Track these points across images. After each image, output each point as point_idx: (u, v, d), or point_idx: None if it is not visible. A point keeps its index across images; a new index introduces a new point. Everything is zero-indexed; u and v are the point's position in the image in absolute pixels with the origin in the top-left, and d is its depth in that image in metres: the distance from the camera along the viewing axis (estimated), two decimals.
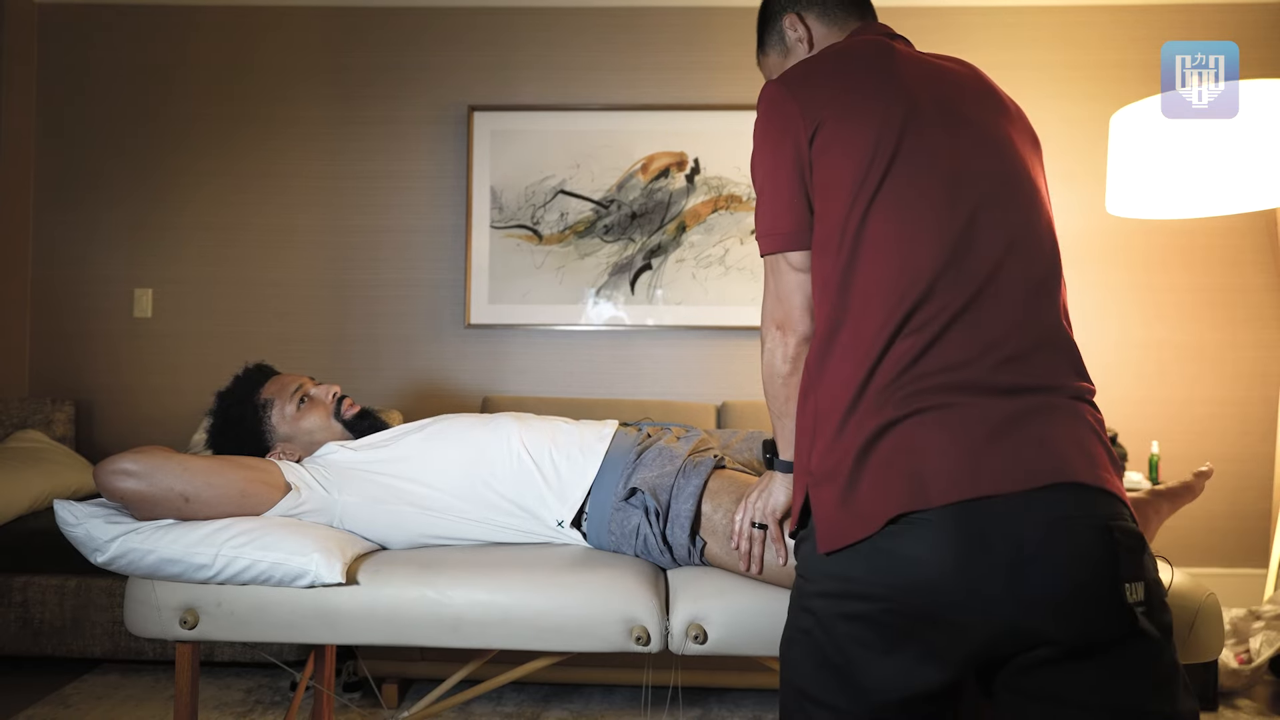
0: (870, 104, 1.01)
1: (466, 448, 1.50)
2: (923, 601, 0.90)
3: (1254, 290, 2.95)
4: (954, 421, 0.92)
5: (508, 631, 1.31)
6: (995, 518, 0.88)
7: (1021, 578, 0.87)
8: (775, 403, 1.13)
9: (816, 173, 1.02)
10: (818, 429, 0.99)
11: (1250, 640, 2.31)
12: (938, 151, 1.00)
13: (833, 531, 0.95)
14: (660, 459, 1.46)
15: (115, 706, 2.22)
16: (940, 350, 0.94)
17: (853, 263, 0.98)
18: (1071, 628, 0.88)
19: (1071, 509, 0.89)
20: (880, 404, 0.94)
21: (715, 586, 1.33)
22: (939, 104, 1.03)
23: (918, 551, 0.89)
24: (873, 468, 0.93)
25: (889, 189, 0.98)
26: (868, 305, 0.97)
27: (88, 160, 3.10)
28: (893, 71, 1.04)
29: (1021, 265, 0.99)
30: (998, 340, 0.95)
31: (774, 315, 1.09)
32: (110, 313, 3.10)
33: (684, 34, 3.04)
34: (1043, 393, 0.95)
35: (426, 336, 3.06)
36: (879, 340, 0.95)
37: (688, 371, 3.02)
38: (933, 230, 0.97)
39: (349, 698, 2.29)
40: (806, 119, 1.02)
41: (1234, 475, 2.89)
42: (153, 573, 1.32)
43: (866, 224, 0.98)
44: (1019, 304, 0.98)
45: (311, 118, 3.08)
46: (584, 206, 3.02)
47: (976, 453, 0.90)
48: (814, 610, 0.97)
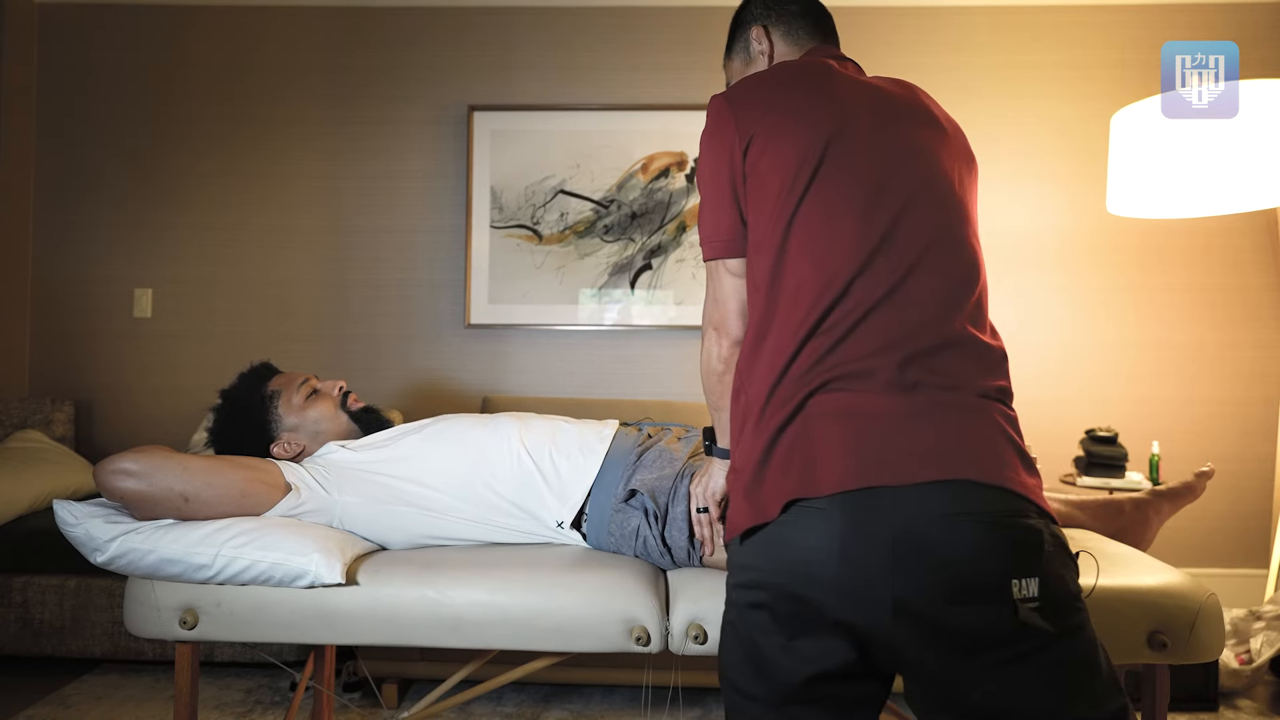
0: (800, 118, 1.07)
1: (466, 448, 1.50)
2: (812, 589, 0.94)
3: (1254, 290, 2.95)
4: (851, 414, 0.96)
5: (508, 631, 1.31)
6: (880, 509, 0.91)
7: (902, 570, 0.90)
8: (711, 397, 1.20)
9: (749, 183, 1.08)
10: (744, 426, 1.05)
11: (1251, 640, 2.31)
12: (861, 162, 1.05)
13: (737, 519, 1.01)
14: (660, 461, 1.46)
15: (115, 706, 2.22)
16: (846, 347, 0.99)
17: (778, 267, 1.04)
18: (953, 621, 0.90)
19: (958, 505, 0.90)
20: (787, 399, 0.99)
21: (715, 586, 1.33)
22: (868, 119, 1.08)
23: (806, 539, 0.94)
24: (775, 458, 0.98)
25: (813, 197, 1.03)
26: (790, 307, 1.02)
27: (88, 160, 3.10)
28: (826, 89, 1.10)
29: (937, 270, 1.03)
30: (902, 338, 0.99)
31: (711, 317, 1.16)
32: (110, 313, 3.10)
33: (684, 34, 3.04)
34: (945, 391, 0.97)
35: (426, 336, 3.06)
36: (795, 339, 1.00)
37: (688, 371, 3.02)
38: (851, 235, 1.02)
39: (349, 698, 2.29)
40: (741, 133, 1.08)
41: (1234, 475, 2.88)
42: (152, 573, 1.32)
43: (791, 231, 1.04)
44: (929, 305, 1.01)
45: (311, 118, 3.08)
46: (584, 206, 3.02)
47: (870, 445, 0.94)
48: (734, 602, 1.03)
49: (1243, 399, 2.93)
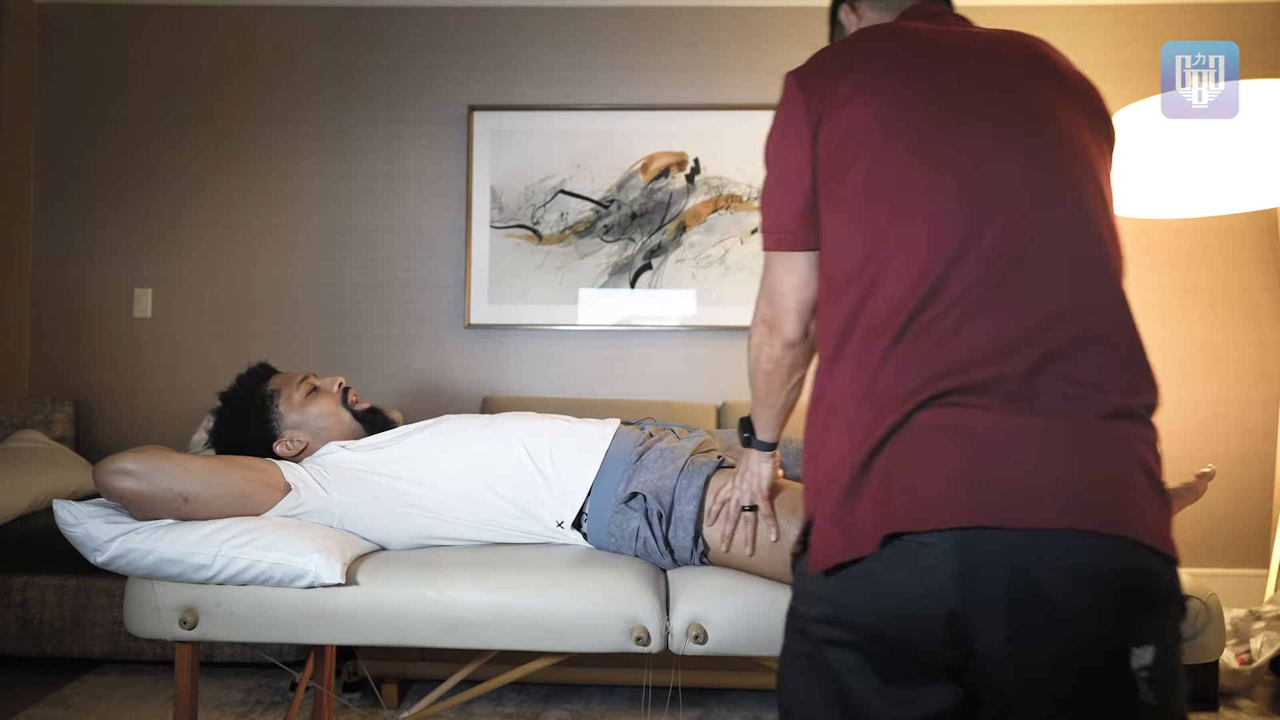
0: (878, 85, 0.94)
1: (467, 449, 1.50)
2: (915, 634, 0.83)
3: (1254, 290, 2.95)
4: (966, 434, 0.82)
5: (508, 631, 1.31)
6: (996, 553, 0.79)
7: (1016, 623, 0.79)
8: (757, 393, 1.14)
9: (823, 163, 0.96)
10: (823, 438, 0.91)
11: (1251, 640, 2.31)
12: (955, 127, 0.91)
13: (826, 550, 0.88)
14: (662, 460, 1.46)
15: (115, 707, 2.22)
16: (960, 345, 0.84)
17: (862, 254, 0.90)
18: (1061, 681, 0.80)
19: (1083, 559, 0.79)
20: (885, 409, 0.85)
21: (715, 586, 1.33)
22: (959, 76, 0.95)
23: (910, 579, 0.82)
24: (872, 482, 0.85)
25: (898, 171, 0.90)
26: (882, 300, 0.88)
27: (88, 160, 3.10)
28: (909, 49, 0.97)
29: (1064, 245, 0.87)
30: (1031, 334, 0.83)
31: (764, 314, 1.07)
32: (110, 313, 3.09)
33: (684, 34, 3.04)
34: (1080, 406, 0.82)
35: (426, 336, 3.06)
36: (889, 336, 0.86)
37: (688, 371, 3.02)
38: (952, 210, 0.88)
39: (349, 698, 2.28)
40: (811, 110, 0.97)
41: (1234, 476, 2.88)
42: (152, 573, 1.32)
43: (874, 212, 0.91)
44: (1059, 290, 0.85)
45: (311, 118, 3.08)
46: (584, 206, 3.02)
47: (987, 475, 0.81)
48: (809, 634, 0.91)
49: (1243, 399, 2.92)
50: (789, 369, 1.10)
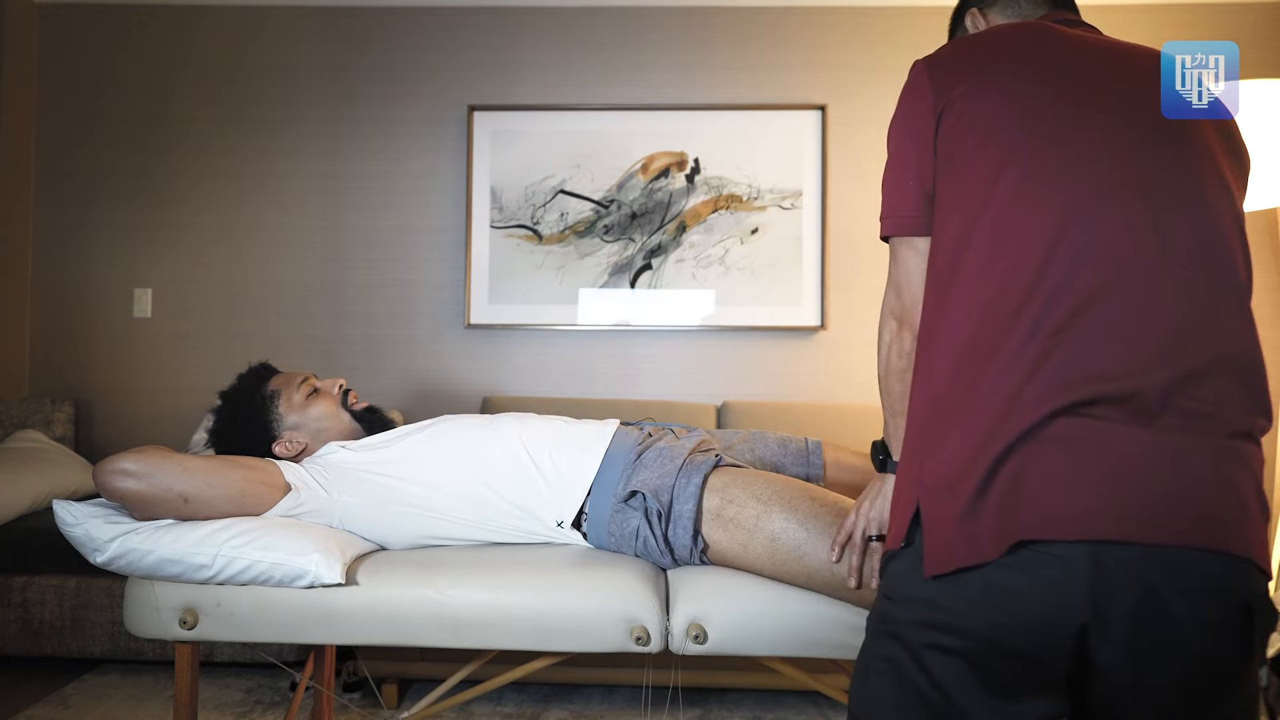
0: (1009, 77, 0.95)
1: (466, 449, 1.50)
2: (1031, 643, 0.81)
3: (1254, 290, 2.93)
4: (1102, 445, 0.81)
5: (508, 632, 1.31)
6: (1128, 568, 0.79)
7: (1144, 642, 0.79)
8: (889, 399, 1.05)
9: (942, 152, 0.95)
10: (932, 433, 0.89)
11: None
12: (1085, 126, 0.91)
13: (945, 553, 0.84)
14: (661, 459, 1.46)
15: (115, 706, 2.22)
16: (1101, 353, 0.82)
17: (980, 245, 0.89)
18: (1179, 701, 0.81)
19: (1216, 580, 0.80)
20: (1016, 411, 0.82)
21: (715, 586, 1.33)
22: (1092, 79, 0.95)
23: (1033, 588, 0.80)
24: (999, 485, 0.82)
25: (1021, 167, 0.89)
26: (1007, 297, 0.86)
27: (88, 160, 3.10)
28: (1042, 47, 0.97)
29: (1203, 258, 0.87)
30: (1168, 346, 0.83)
31: (892, 307, 1.02)
32: (110, 313, 3.09)
33: (684, 34, 3.04)
34: (1211, 426, 0.82)
35: (426, 336, 3.06)
36: (1013, 332, 0.84)
37: (688, 371, 3.02)
38: (1080, 207, 0.87)
39: (349, 698, 2.28)
40: (937, 97, 0.96)
41: None
42: (152, 573, 1.32)
43: (994, 203, 0.89)
44: (1199, 303, 0.85)
45: (311, 118, 3.08)
46: (584, 206, 3.02)
47: (1123, 489, 0.80)
48: (903, 638, 0.87)
49: None
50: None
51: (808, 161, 2.95)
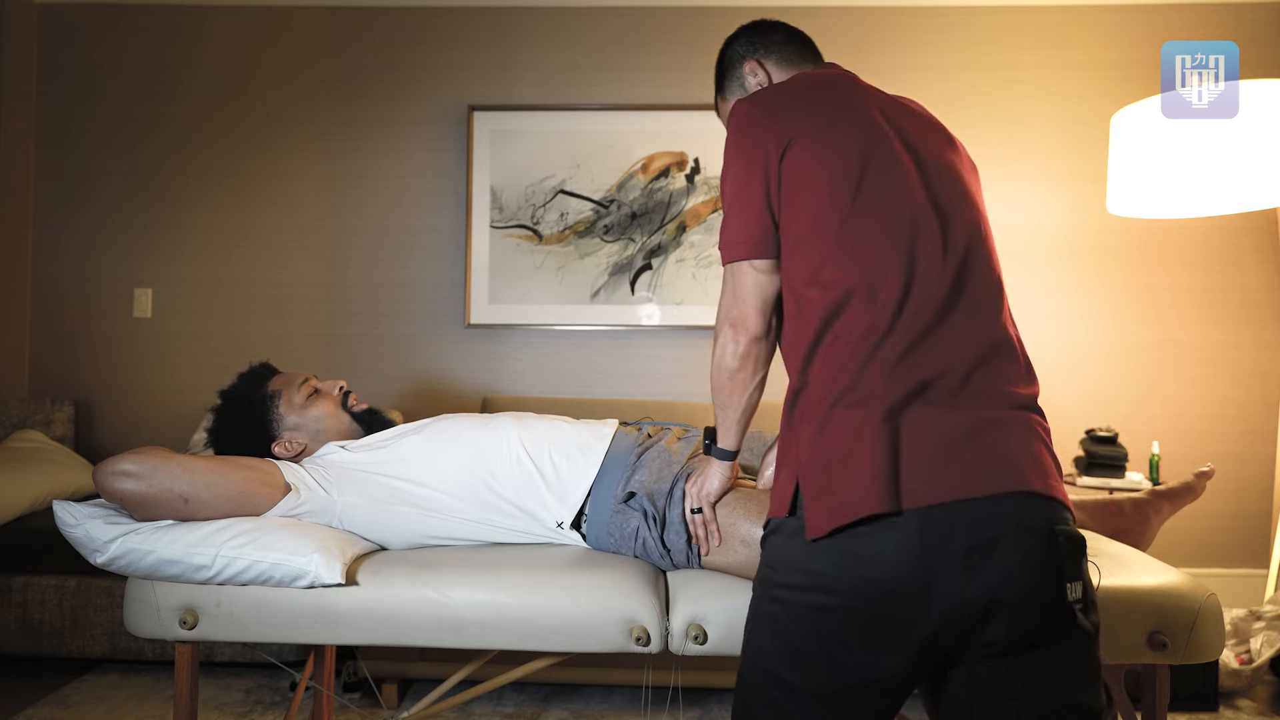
0: (843, 120, 1.10)
1: (466, 448, 1.50)
2: (883, 598, 0.95)
3: (1254, 290, 2.95)
4: (928, 425, 0.97)
5: (508, 632, 1.31)
6: (955, 522, 0.94)
7: (977, 579, 0.93)
8: (720, 395, 1.19)
9: (786, 185, 1.08)
10: (805, 419, 1.03)
11: (1251, 640, 2.31)
12: (909, 164, 1.08)
13: (819, 519, 0.98)
14: (658, 462, 1.46)
15: (115, 707, 2.22)
16: (925, 353, 1.00)
17: (836, 265, 1.04)
18: (1019, 625, 0.95)
19: (1024, 515, 0.95)
20: (863, 400, 0.99)
21: (715, 587, 1.33)
22: (898, 127, 1.12)
23: (882, 551, 0.95)
24: (853, 464, 0.97)
25: (869, 196, 1.05)
26: (860, 306, 1.02)
27: (88, 160, 3.10)
28: (857, 95, 1.14)
29: (981, 272, 1.07)
30: (968, 348, 1.01)
31: (729, 314, 1.14)
32: (110, 313, 3.09)
33: (684, 34, 3.04)
34: (1001, 401, 1.01)
35: (426, 336, 3.06)
36: (869, 338, 1.00)
37: (688, 371, 3.02)
38: (910, 234, 1.04)
39: (349, 698, 2.29)
40: (777, 137, 1.08)
41: (1234, 476, 2.88)
42: (152, 573, 1.32)
43: (850, 228, 1.04)
44: (983, 309, 1.05)
45: (311, 118, 3.08)
46: (584, 206, 3.02)
47: (945, 458, 0.96)
48: (782, 600, 1.02)
49: (1243, 399, 2.93)
50: (754, 365, 1.16)
51: None
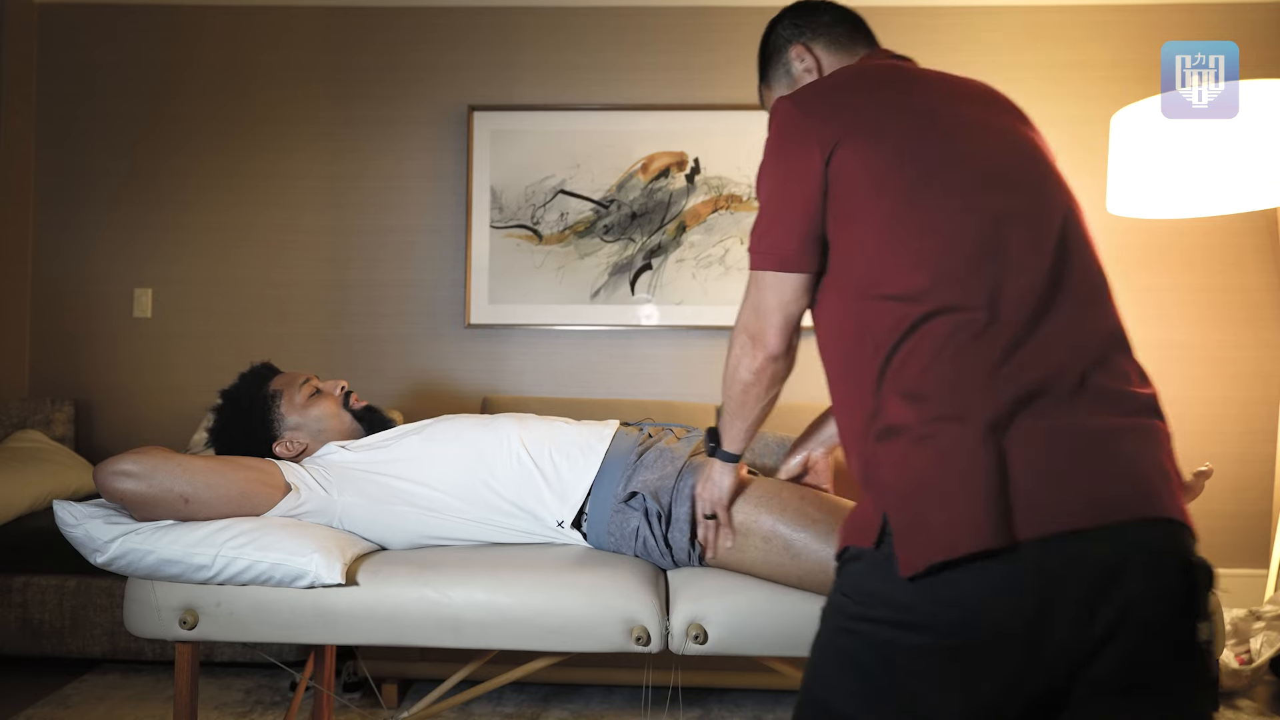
0: (894, 115, 0.99)
1: (466, 448, 1.50)
2: (988, 637, 0.83)
3: (1254, 290, 2.95)
4: (1040, 441, 0.85)
5: (508, 632, 1.31)
6: (1076, 553, 0.82)
7: (1100, 614, 0.81)
8: (730, 404, 1.15)
9: (836, 190, 0.97)
10: (888, 443, 0.90)
11: (1251, 640, 2.31)
12: (978, 153, 0.97)
13: (914, 554, 0.84)
14: (661, 460, 1.46)
15: (115, 707, 2.22)
16: (1028, 355, 0.88)
17: (902, 272, 0.92)
18: (1137, 661, 0.83)
19: (1156, 543, 0.83)
20: (963, 416, 0.86)
21: (715, 586, 1.33)
22: (964, 116, 1.01)
23: (990, 587, 0.82)
24: (953, 490, 0.84)
25: (930, 194, 0.94)
26: (935, 309, 0.90)
27: (88, 160, 3.10)
28: (913, 86, 1.03)
29: (1081, 262, 0.95)
30: (1081, 343, 0.90)
31: (748, 326, 1.08)
32: (110, 313, 3.09)
33: (684, 34, 3.03)
34: (1123, 405, 0.89)
35: (426, 336, 3.06)
36: (957, 345, 0.88)
37: (688, 372, 3.02)
38: (991, 227, 0.93)
39: (349, 698, 2.28)
40: (823, 138, 0.98)
41: (1234, 476, 2.88)
42: (152, 573, 1.32)
43: (913, 230, 0.93)
44: (1090, 301, 0.94)
45: (311, 118, 3.08)
46: (584, 206, 3.02)
47: (1064, 479, 0.83)
48: (860, 633, 0.89)
49: (1243, 399, 2.92)
50: (769, 382, 1.10)
51: None
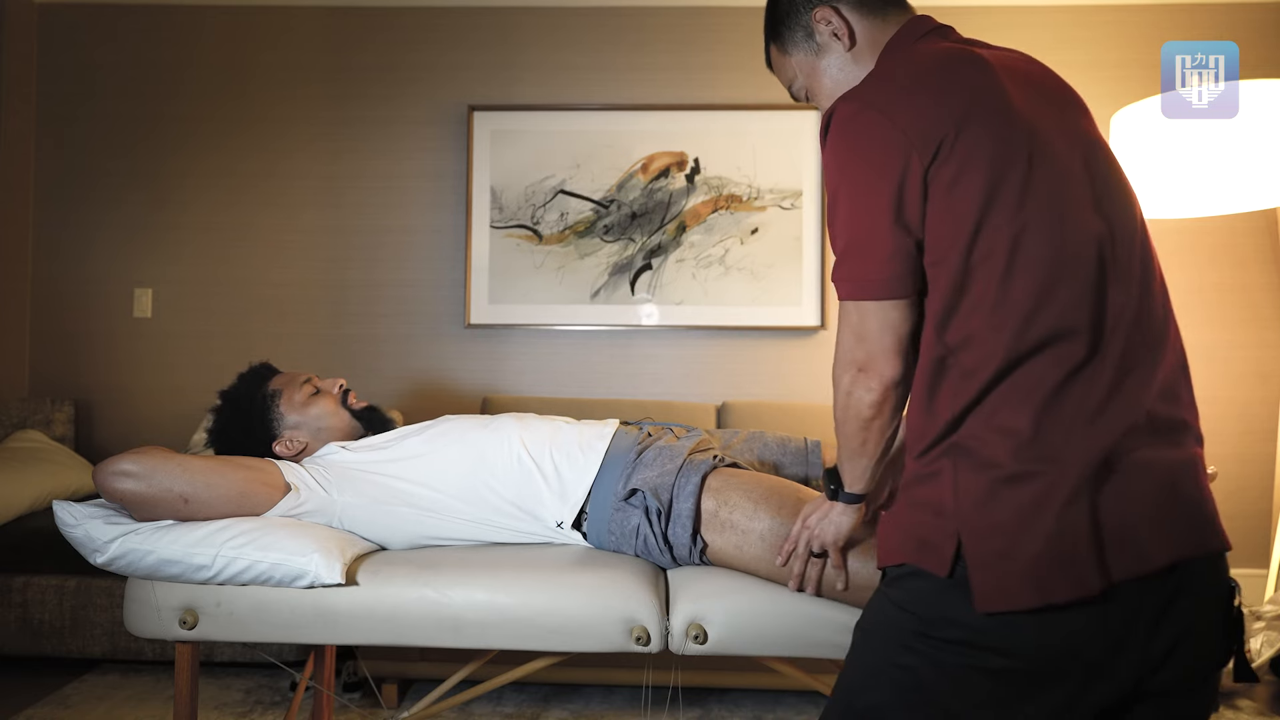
0: (988, 117, 0.91)
1: (467, 450, 1.50)
2: (1061, 664, 0.85)
3: (1254, 290, 2.95)
4: (1131, 486, 0.86)
5: (508, 632, 1.31)
6: (1153, 590, 0.85)
7: (1168, 648, 0.85)
8: (850, 443, 1.04)
9: (934, 195, 0.90)
10: (963, 465, 0.89)
11: (1251, 641, 2.31)
12: (1064, 155, 0.92)
13: (998, 592, 0.85)
14: (661, 458, 1.46)
15: (115, 707, 2.22)
16: (1125, 397, 0.87)
17: (1005, 292, 0.88)
18: (1201, 685, 0.89)
19: (1215, 580, 0.88)
20: (1059, 459, 0.85)
21: (715, 586, 1.33)
22: (1047, 113, 0.95)
23: (1074, 622, 0.85)
24: (1054, 535, 0.84)
25: (1035, 207, 0.89)
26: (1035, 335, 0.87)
27: (88, 160, 3.10)
28: (994, 83, 0.94)
29: (1157, 288, 0.93)
30: (1161, 381, 0.90)
31: (854, 356, 0.97)
32: (110, 313, 3.09)
33: (684, 34, 3.04)
34: (1187, 438, 0.91)
35: (426, 336, 3.06)
36: (1056, 376, 0.86)
37: (688, 371, 3.02)
38: (1089, 240, 0.89)
39: (349, 698, 2.28)
40: (919, 141, 0.89)
41: (1234, 476, 2.88)
42: (152, 573, 1.32)
43: (1020, 245, 0.88)
44: (1165, 330, 0.92)
45: (311, 118, 3.08)
46: (584, 206, 3.02)
47: (1152, 523, 0.85)
48: (924, 652, 0.89)
49: (1243, 399, 2.92)
50: (891, 411, 0.99)
51: (807, 161, 2.95)
